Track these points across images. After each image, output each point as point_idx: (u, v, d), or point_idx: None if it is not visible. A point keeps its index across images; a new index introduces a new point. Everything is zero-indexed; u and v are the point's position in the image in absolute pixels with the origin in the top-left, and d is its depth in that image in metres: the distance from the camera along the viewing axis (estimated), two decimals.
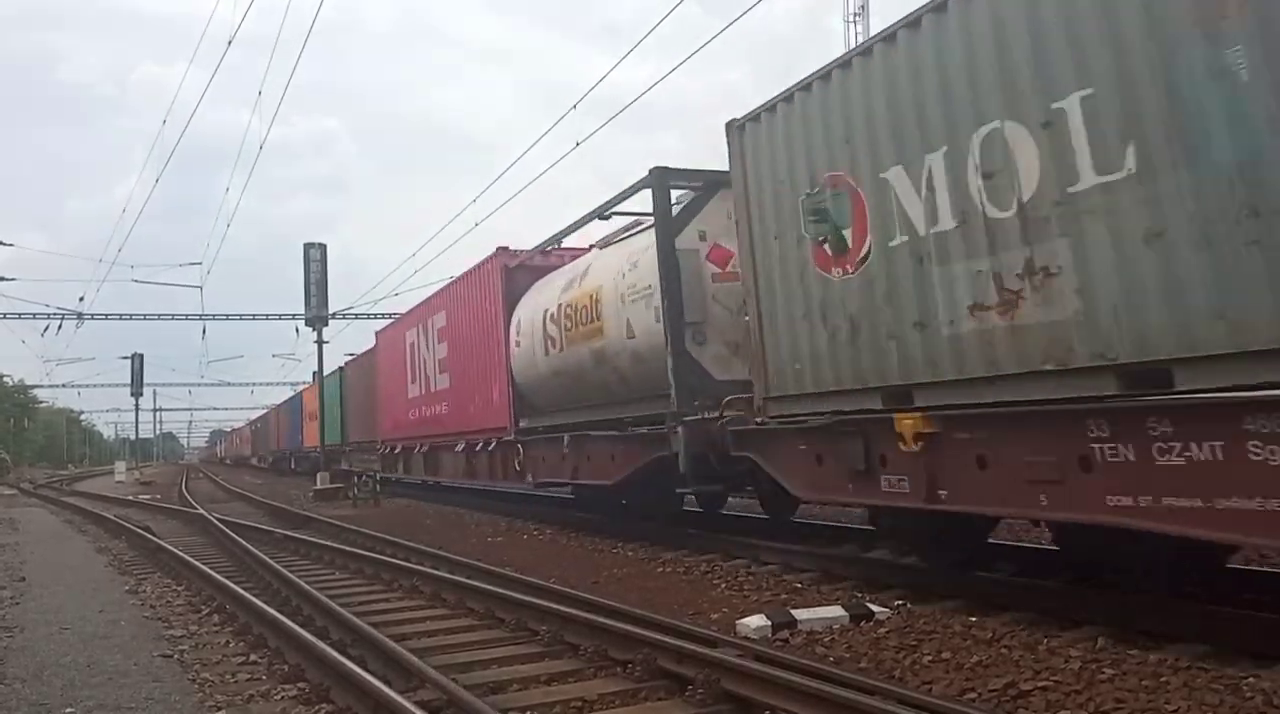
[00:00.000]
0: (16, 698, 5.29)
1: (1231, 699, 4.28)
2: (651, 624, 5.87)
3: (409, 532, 13.57)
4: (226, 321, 45.78)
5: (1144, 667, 4.81)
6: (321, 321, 29.21)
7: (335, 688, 5.05)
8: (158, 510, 20.72)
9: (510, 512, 16.04)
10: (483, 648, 6.06)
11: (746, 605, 7.07)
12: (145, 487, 35.58)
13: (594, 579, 8.74)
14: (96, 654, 6.26)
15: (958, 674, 4.95)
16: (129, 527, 14.78)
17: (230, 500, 25.28)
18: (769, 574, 8.45)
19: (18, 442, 74.19)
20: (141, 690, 5.32)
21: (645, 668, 5.10)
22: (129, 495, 27.64)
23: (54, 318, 38.05)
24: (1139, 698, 4.36)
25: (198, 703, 5.05)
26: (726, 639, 5.49)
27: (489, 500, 18.13)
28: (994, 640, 5.49)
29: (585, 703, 4.73)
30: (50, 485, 38.80)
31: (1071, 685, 4.59)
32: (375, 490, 21.94)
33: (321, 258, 29.31)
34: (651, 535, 11.19)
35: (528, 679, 5.23)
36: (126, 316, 45.43)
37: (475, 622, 6.94)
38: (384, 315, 36.99)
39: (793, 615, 6.18)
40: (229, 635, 6.84)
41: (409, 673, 5.06)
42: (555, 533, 12.97)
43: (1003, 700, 4.52)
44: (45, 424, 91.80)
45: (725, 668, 4.72)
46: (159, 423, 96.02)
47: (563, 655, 5.76)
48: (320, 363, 29.99)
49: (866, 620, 6.18)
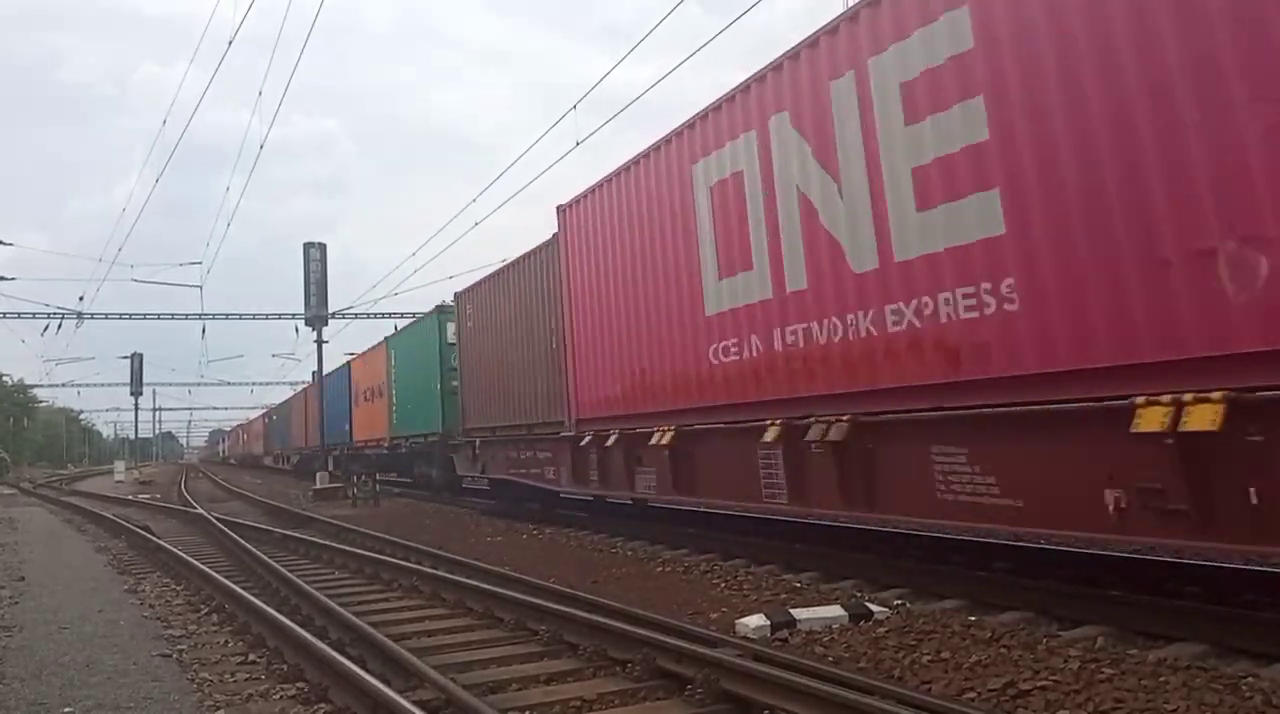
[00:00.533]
0: (15, 697, 5.28)
1: (1231, 699, 4.28)
2: (650, 624, 5.87)
3: (408, 531, 13.56)
4: (226, 321, 45.72)
5: (1143, 666, 4.81)
6: (321, 321, 29.18)
7: (334, 687, 5.04)
8: (157, 510, 20.72)
9: (510, 512, 16.02)
10: (482, 647, 6.05)
11: (746, 605, 7.06)
12: (144, 486, 35.56)
13: (593, 579, 8.73)
14: (95, 653, 6.26)
15: (957, 674, 4.94)
16: (128, 526, 14.78)
17: (229, 500, 25.27)
18: (768, 573, 8.45)
19: (17, 441, 74.21)
20: (140, 690, 5.31)
21: (644, 667, 5.10)
22: (128, 495, 27.65)
23: (54, 317, 38.02)
24: (1138, 697, 4.36)
25: (196, 703, 5.04)
26: (726, 639, 5.48)
27: (489, 500, 18.10)
28: (993, 640, 5.49)
29: (584, 702, 4.73)
30: (49, 485, 38.83)
31: (1071, 685, 4.58)
32: (375, 490, 21.94)
33: (321, 257, 29.29)
34: (651, 535, 11.23)
35: (527, 679, 5.23)
36: (126, 316, 45.31)
37: (474, 621, 6.94)
38: (384, 315, 37.08)
39: (792, 615, 6.18)
40: (228, 635, 6.83)
41: (408, 672, 5.05)
42: (554, 533, 12.97)
43: (1002, 700, 4.52)
44: (45, 424, 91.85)
45: (724, 667, 4.72)
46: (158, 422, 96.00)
47: (562, 655, 5.75)
48: (320, 362, 29.97)
49: (866, 620, 6.17)
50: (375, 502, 21.03)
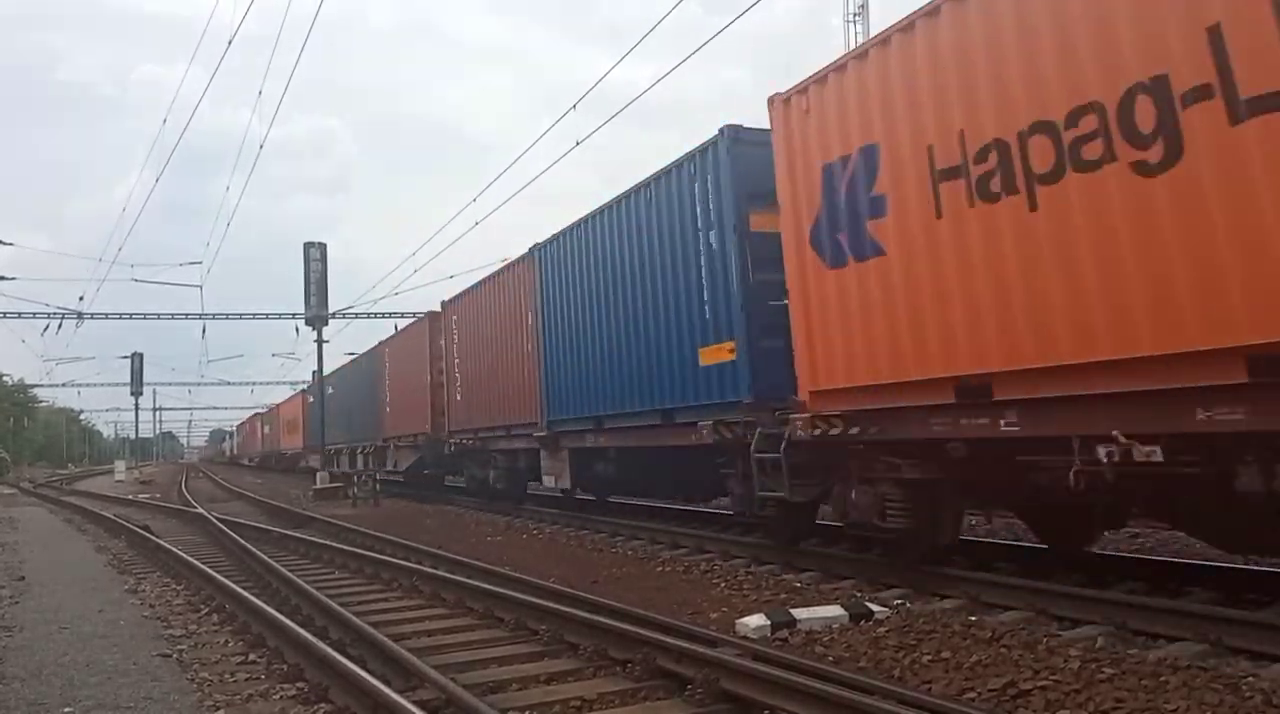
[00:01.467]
0: (15, 697, 5.28)
1: (1231, 699, 4.27)
2: (651, 624, 5.86)
3: (408, 531, 13.57)
4: (226, 321, 45.70)
5: (1143, 666, 4.80)
6: (321, 321, 29.18)
7: (334, 687, 5.04)
8: (157, 510, 20.72)
9: (509, 511, 16.03)
10: (482, 647, 6.05)
11: (746, 605, 7.06)
12: (145, 486, 35.57)
13: (593, 578, 8.73)
14: (95, 653, 6.26)
15: (957, 674, 4.94)
16: (128, 526, 14.78)
17: (230, 500, 25.27)
18: (768, 573, 8.45)
19: (17, 441, 74.21)
20: (140, 690, 5.31)
21: (645, 667, 5.10)
22: (128, 495, 27.65)
23: (54, 317, 37.97)
24: (1138, 697, 4.35)
25: (196, 702, 5.04)
26: (726, 639, 5.49)
27: (488, 500, 18.10)
28: (993, 640, 5.48)
29: (585, 702, 4.72)
30: (50, 485, 38.80)
31: (1071, 685, 4.58)
32: (375, 490, 21.96)
33: (321, 257, 29.29)
34: (650, 534, 11.22)
35: (527, 679, 5.22)
36: (126, 316, 45.14)
37: (474, 621, 6.93)
38: (384, 315, 37.01)
39: (792, 615, 6.17)
40: (228, 635, 6.83)
41: (408, 672, 5.05)
42: (554, 532, 12.97)
43: (1002, 700, 4.52)
44: (45, 423, 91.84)
45: (725, 667, 4.72)
46: (159, 422, 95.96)
47: (562, 655, 5.75)
48: (320, 362, 29.98)
49: (866, 620, 6.17)
50: (375, 501, 21.05)
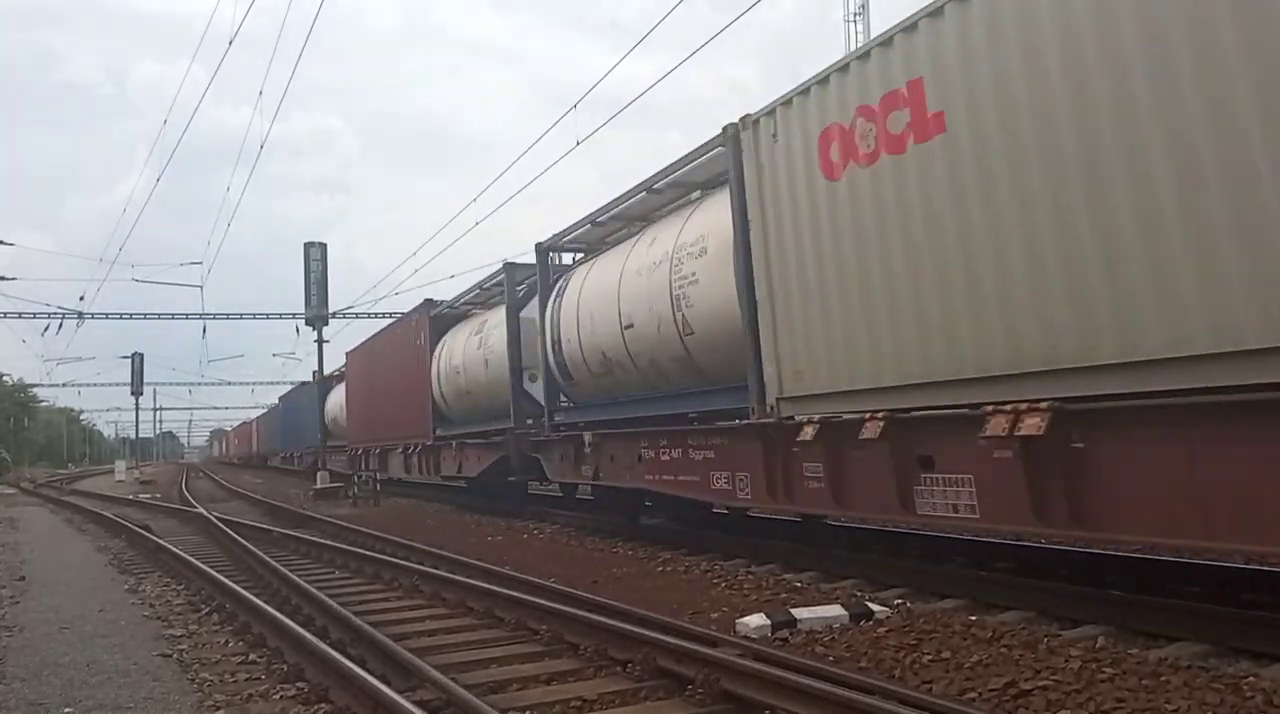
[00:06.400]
0: (15, 697, 5.28)
1: (1231, 699, 4.27)
2: (651, 624, 5.86)
3: (409, 531, 13.56)
4: (227, 321, 45.78)
5: (1144, 666, 4.80)
6: (322, 321, 29.21)
7: (334, 687, 5.04)
8: (157, 509, 20.72)
9: (509, 511, 16.04)
10: (482, 647, 6.05)
11: (746, 605, 7.06)
12: (145, 486, 35.57)
13: (593, 579, 8.73)
14: (96, 653, 6.26)
15: (957, 673, 4.94)
16: (129, 526, 14.78)
17: (230, 499, 25.27)
18: (768, 573, 8.45)
19: (18, 441, 74.23)
20: (140, 690, 5.31)
21: (645, 667, 5.10)
22: (129, 494, 27.65)
23: (54, 317, 38.06)
24: (1139, 697, 4.35)
25: (196, 702, 5.04)
26: (726, 638, 5.48)
27: (488, 500, 18.10)
28: (994, 640, 5.48)
29: (585, 702, 4.72)
30: (50, 485, 38.81)
31: (1071, 685, 4.58)
32: (375, 490, 21.94)
33: (322, 257, 29.34)
34: (651, 535, 11.23)
35: (527, 679, 5.22)
36: (126, 316, 45.36)
37: (475, 621, 6.93)
38: (384, 315, 37.00)
39: (792, 615, 6.17)
40: (228, 635, 6.83)
41: (408, 672, 5.05)
42: (555, 532, 12.97)
43: (1003, 700, 4.51)
44: (45, 423, 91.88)
45: (725, 667, 4.71)
46: (159, 422, 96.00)
47: (562, 655, 5.75)
48: (320, 362, 30.02)
49: (866, 620, 6.17)
50: (375, 501, 21.04)
